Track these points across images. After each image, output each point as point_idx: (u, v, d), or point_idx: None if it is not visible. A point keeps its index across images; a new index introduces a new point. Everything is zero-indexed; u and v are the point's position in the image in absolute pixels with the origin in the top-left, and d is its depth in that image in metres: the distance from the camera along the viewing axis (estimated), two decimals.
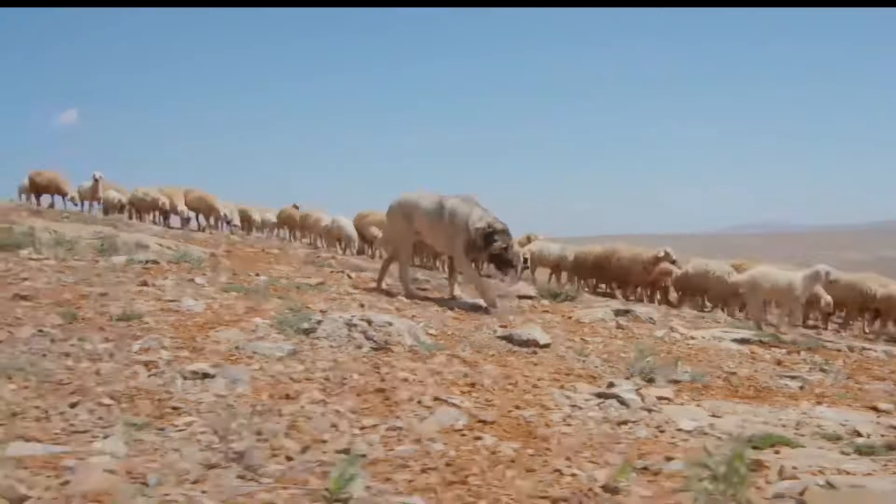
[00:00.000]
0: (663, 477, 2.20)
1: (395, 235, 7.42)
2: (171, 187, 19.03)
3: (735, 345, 6.64)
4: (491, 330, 5.46)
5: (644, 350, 4.67)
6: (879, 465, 2.64)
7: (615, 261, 14.76)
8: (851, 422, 3.59)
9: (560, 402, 3.23)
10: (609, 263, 14.84)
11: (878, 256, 73.47)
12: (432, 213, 6.85)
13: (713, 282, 13.23)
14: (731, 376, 4.70)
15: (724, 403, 3.74)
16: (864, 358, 6.98)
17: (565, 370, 4.27)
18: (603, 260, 14.99)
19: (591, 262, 15.35)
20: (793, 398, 4.14)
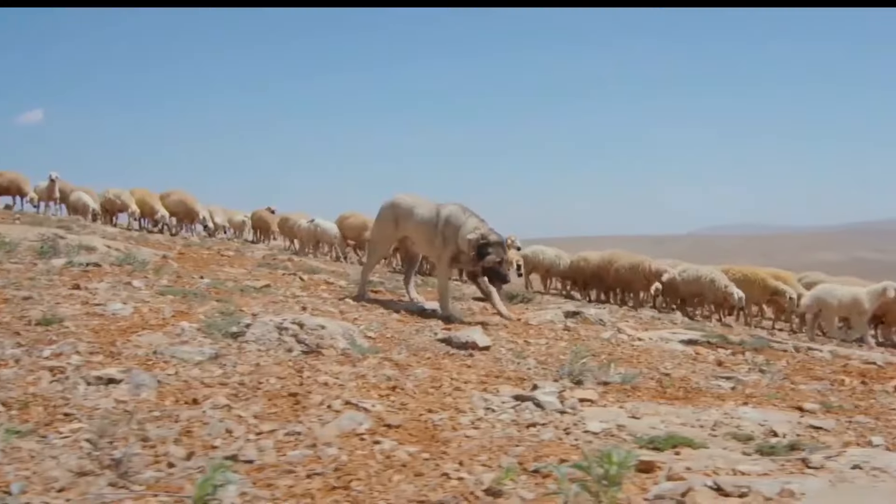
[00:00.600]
0: (552, 480, 2.21)
1: (378, 235, 7.30)
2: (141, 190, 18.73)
3: (681, 346, 6.71)
4: (432, 332, 5.46)
5: (579, 352, 4.69)
6: (777, 465, 2.67)
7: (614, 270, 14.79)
8: (771, 422, 3.64)
9: (476, 406, 3.23)
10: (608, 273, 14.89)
11: (854, 257, 74.85)
12: (427, 221, 6.67)
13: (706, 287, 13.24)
14: (665, 377, 4.74)
15: (647, 405, 3.77)
16: (808, 358, 7.10)
17: (496, 373, 4.27)
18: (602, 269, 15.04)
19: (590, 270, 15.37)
20: (720, 399, 4.19)
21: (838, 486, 2.42)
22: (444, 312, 6.43)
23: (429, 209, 6.72)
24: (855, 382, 5.68)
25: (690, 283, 13.50)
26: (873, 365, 7.02)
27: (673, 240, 73.44)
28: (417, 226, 6.76)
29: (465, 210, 6.59)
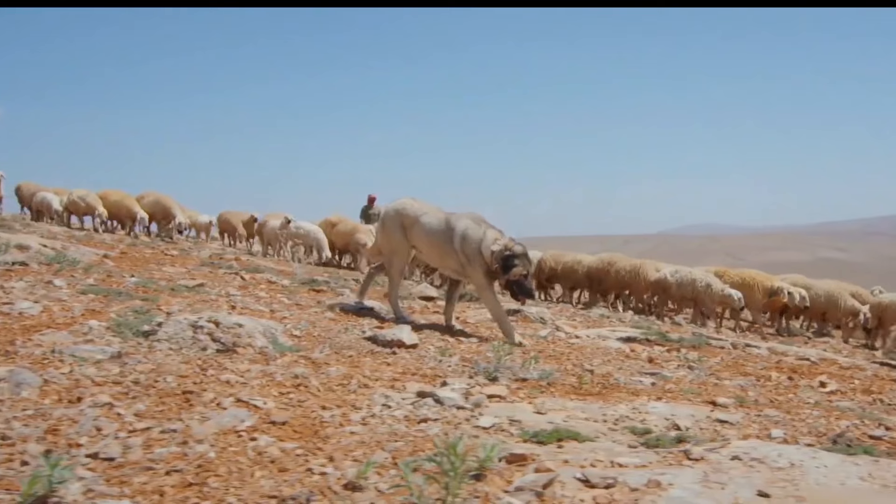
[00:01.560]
0: (419, 474, 2.20)
1: (389, 247, 6.56)
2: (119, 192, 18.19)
3: (617, 343, 6.78)
4: (361, 331, 5.44)
5: (502, 349, 4.70)
6: (659, 457, 2.71)
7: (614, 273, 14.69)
8: (677, 416, 3.69)
9: (375, 402, 3.21)
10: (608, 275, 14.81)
11: (819, 257, 76.57)
12: (436, 232, 6.18)
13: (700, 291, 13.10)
14: (588, 374, 4.78)
15: (557, 401, 3.79)
16: (745, 355, 7.23)
17: (413, 370, 4.26)
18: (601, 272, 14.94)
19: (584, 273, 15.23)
20: (635, 394, 4.23)
21: (710, 477, 2.46)
22: (510, 339, 5.82)
23: (437, 219, 6.23)
24: (782, 378, 5.80)
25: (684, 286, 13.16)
26: (807, 361, 7.18)
27: (639, 240, 74.36)
28: (425, 236, 6.27)
29: (479, 221, 6.15)
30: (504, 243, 5.93)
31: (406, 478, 1.82)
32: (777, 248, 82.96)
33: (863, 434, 3.71)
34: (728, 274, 13.97)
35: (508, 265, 5.87)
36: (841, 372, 6.72)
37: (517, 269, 5.88)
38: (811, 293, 13.70)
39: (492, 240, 5.97)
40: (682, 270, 13.57)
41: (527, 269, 5.97)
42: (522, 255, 5.93)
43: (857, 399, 5.16)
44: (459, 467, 1.85)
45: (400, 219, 6.41)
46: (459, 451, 1.87)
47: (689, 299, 13.32)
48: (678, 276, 13.30)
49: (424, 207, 6.41)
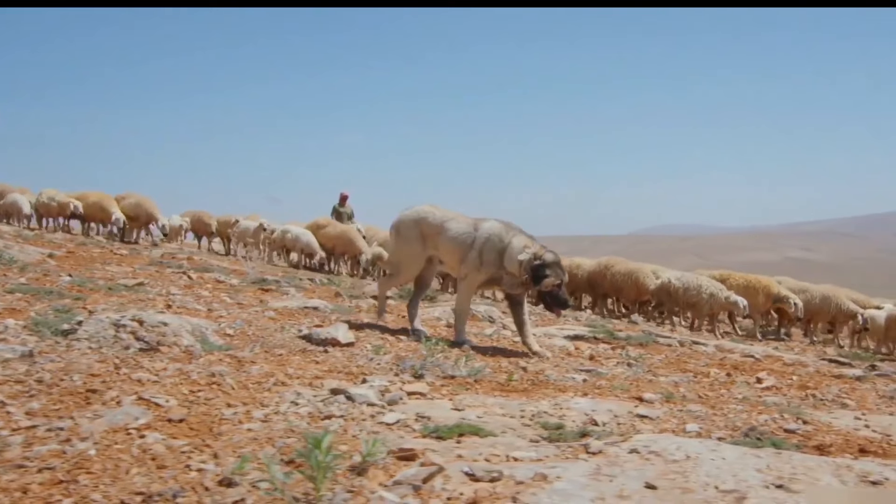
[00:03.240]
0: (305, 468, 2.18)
1: (400, 256, 6.17)
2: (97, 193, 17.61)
3: (563, 341, 6.82)
4: (297, 329, 5.40)
5: (434, 347, 4.71)
6: (558, 451, 2.73)
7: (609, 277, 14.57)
8: (598, 412, 3.72)
9: (284, 400, 3.19)
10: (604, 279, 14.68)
11: (786, 257, 77.86)
12: (463, 238, 5.77)
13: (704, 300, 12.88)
14: (521, 371, 4.80)
15: (478, 397, 3.80)
16: (690, 352, 7.32)
17: (340, 368, 4.25)
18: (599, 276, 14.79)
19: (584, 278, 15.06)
20: (561, 391, 4.26)
21: (603, 470, 2.48)
22: (458, 338, 5.69)
23: (465, 224, 5.84)
24: (721, 374, 5.88)
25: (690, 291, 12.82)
26: (751, 358, 7.30)
27: (609, 240, 75.01)
28: (450, 243, 5.82)
29: (508, 227, 5.78)
30: (534, 251, 5.54)
31: (270, 471, 1.81)
32: (745, 249, 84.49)
33: (778, 428, 3.78)
34: (733, 277, 13.81)
35: (539, 275, 5.50)
36: (783, 368, 6.84)
37: (549, 280, 5.52)
38: (807, 296, 13.67)
39: (520, 248, 5.57)
40: (687, 275, 13.33)
41: (560, 279, 5.59)
42: (554, 263, 5.57)
43: (790, 394, 5.25)
44: (325, 462, 1.84)
45: (419, 228, 5.97)
46: (324, 446, 1.86)
47: (693, 305, 13.07)
48: (684, 281, 13.08)
49: (449, 214, 5.99)
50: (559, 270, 5.60)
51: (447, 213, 6.01)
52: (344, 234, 15.90)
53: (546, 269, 5.50)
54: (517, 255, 5.53)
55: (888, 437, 3.83)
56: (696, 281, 12.99)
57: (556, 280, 5.55)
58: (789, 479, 2.69)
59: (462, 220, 5.88)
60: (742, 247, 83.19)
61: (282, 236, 15.77)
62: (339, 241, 15.90)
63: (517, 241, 5.63)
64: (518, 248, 5.57)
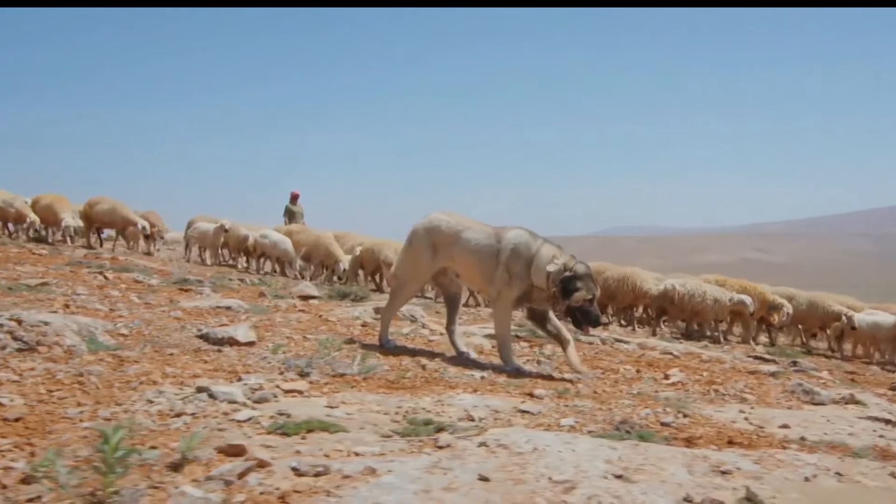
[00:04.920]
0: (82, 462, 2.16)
1: (408, 269, 5.69)
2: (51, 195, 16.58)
3: (482, 339, 6.84)
4: (197, 329, 5.33)
5: (328, 343, 4.69)
6: (406, 446, 2.75)
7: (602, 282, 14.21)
8: (479, 408, 3.76)
9: (141, 399, 3.15)
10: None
11: (742, 258, 79.85)
12: (482, 248, 5.34)
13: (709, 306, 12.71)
14: (418, 368, 4.81)
15: (360, 395, 3.81)
16: (610, 350, 7.43)
17: (226, 367, 4.22)
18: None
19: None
20: (452, 387, 4.28)
21: (442, 463, 2.51)
22: (507, 366, 5.24)
23: (484, 233, 5.40)
24: (631, 371, 5.98)
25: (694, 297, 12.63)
26: (669, 355, 7.44)
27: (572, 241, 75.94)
28: (468, 254, 5.40)
29: (534, 235, 5.36)
30: (563, 262, 5.15)
31: (55, 466, 1.78)
32: (703, 250, 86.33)
33: (655, 421, 3.87)
34: (728, 283, 13.72)
35: (570, 289, 5.08)
36: (697, 365, 6.98)
37: (580, 294, 5.09)
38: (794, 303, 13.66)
39: (548, 258, 5.17)
40: (691, 281, 13.14)
41: (592, 293, 5.18)
42: (586, 275, 5.16)
43: (692, 390, 5.36)
44: (113, 458, 1.82)
45: (431, 238, 5.50)
46: (114, 442, 1.84)
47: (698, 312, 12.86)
48: (687, 287, 12.89)
49: (465, 222, 5.54)
50: (591, 284, 5.19)
51: (463, 220, 5.55)
52: (319, 241, 15.24)
53: (577, 282, 5.09)
54: (545, 266, 5.13)
55: (762, 429, 3.96)
56: (700, 287, 12.84)
57: (587, 294, 5.13)
58: (634, 470, 2.76)
59: (480, 230, 5.44)
60: (701, 248, 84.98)
61: (261, 242, 14.97)
62: (314, 249, 15.38)
63: (545, 250, 5.23)
64: (546, 258, 5.17)
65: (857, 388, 7.44)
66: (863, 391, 6.84)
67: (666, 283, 13.23)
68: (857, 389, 7.09)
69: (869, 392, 6.86)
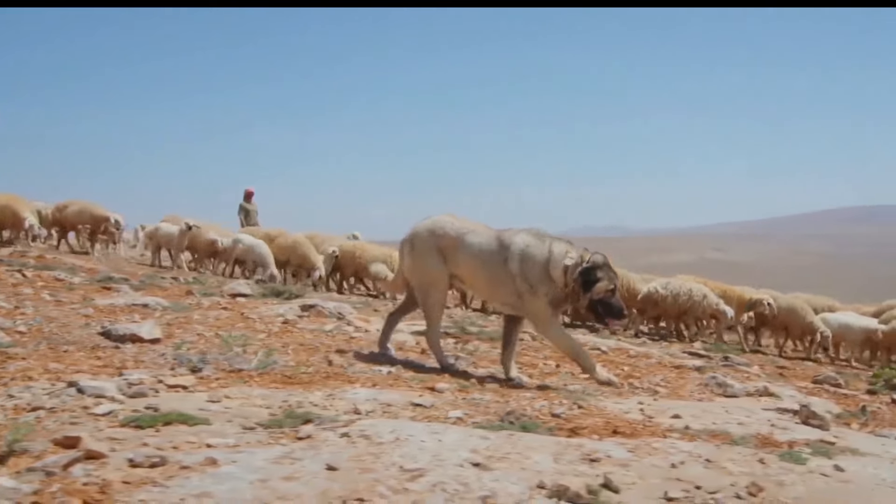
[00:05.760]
0: None
1: (422, 277, 5.29)
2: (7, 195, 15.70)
3: (408, 336, 6.83)
4: (101, 326, 5.23)
5: (232, 340, 4.66)
6: (264, 438, 2.74)
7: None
8: (370, 401, 3.77)
9: (4, 394, 3.09)
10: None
11: (704, 258, 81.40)
12: (486, 254, 5.05)
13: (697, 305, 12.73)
14: (324, 364, 4.79)
15: (249, 390, 3.78)
16: (539, 346, 7.47)
17: (116, 364, 4.16)
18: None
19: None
20: (351, 382, 4.28)
21: (294, 454, 2.53)
22: (596, 377, 5.11)
23: (487, 238, 5.12)
24: (551, 365, 6.05)
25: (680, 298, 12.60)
26: (597, 350, 7.53)
27: None
28: (472, 260, 5.11)
29: (540, 236, 5.08)
30: (579, 254, 4.93)
31: None
32: (666, 250, 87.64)
33: (547, 413, 3.92)
34: (707, 286, 13.66)
35: (590, 280, 4.82)
36: (623, 360, 7.08)
37: (602, 285, 4.83)
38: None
39: (562, 253, 4.93)
40: (675, 283, 13.10)
41: (613, 283, 4.93)
42: (605, 265, 4.91)
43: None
44: None
45: (435, 241, 5.20)
46: None
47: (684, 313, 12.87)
48: (671, 288, 12.81)
49: (468, 225, 5.25)
50: (612, 273, 4.94)
51: (466, 223, 5.26)
52: (296, 245, 14.81)
53: (597, 272, 4.84)
54: (562, 261, 4.88)
55: (651, 419, 4.04)
56: (684, 286, 12.84)
57: (609, 284, 4.87)
58: (498, 459, 2.80)
59: (483, 233, 5.18)
60: (663, 248, 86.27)
61: (232, 246, 14.41)
62: (291, 253, 14.98)
63: (557, 247, 4.99)
64: (560, 255, 4.93)
65: (782, 381, 7.67)
66: (784, 384, 7.04)
67: (649, 285, 13.17)
68: (780, 382, 7.30)
69: (791, 385, 7.07)
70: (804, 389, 6.91)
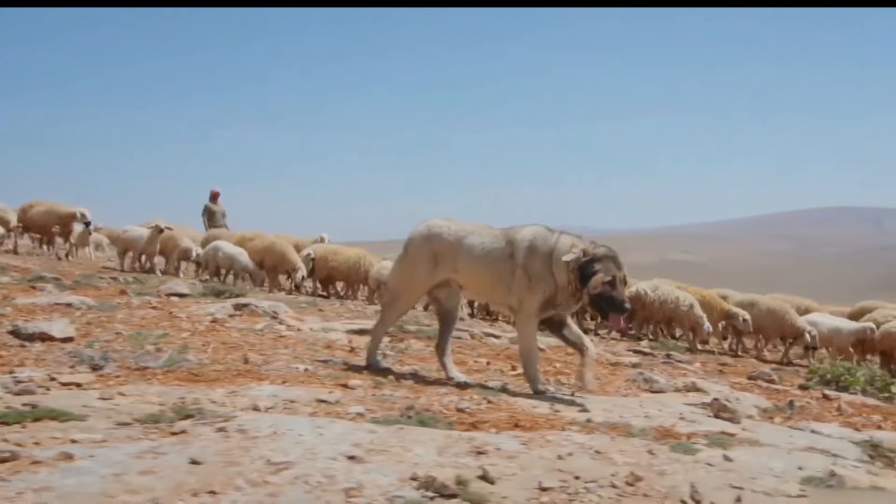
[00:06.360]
0: None
1: (402, 280, 5.18)
2: None
3: (341, 335, 6.80)
4: (12, 325, 5.13)
5: (142, 337, 4.60)
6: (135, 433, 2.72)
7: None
8: (275, 398, 3.75)
9: None
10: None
11: (665, 259, 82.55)
12: (491, 252, 4.86)
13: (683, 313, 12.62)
14: (239, 362, 4.76)
15: (145, 387, 3.75)
16: (477, 343, 7.51)
17: (14, 362, 4.11)
18: None
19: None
20: (260, 379, 4.25)
21: (159, 448, 2.52)
22: (533, 385, 4.81)
23: (491, 236, 4.93)
24: (482, 363, 6.08)
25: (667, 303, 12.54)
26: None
27: None
28: (473, 261, 4.91)
29: (550, 229, 4.88)
30: (582, 248, 4.64)
31: None
32: (628, 250, 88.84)
33: (452, 408, 3.94)
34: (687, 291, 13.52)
35: (587, 273, 4.54)
36: (559, 357, 7.12)
37: (598, 277, 4.52)
38: (755, 310, 13.64)
39: (566, 247, 4.67)
40: (664, 287, 13.04)
41: (612, 274, 4.59)
42: (605, 257, 4.61)
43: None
44: None
45: (430, 247, 5.00)
46: None
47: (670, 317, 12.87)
48: (659, 292, 12.77)
49: (468, 227, 5.08)
50: (610, 265, 4.61)
51: (465, 225, 5.09)
52: (273, 246, 14.47)
53: (594, 265, 4.55)
54: (563, 257, 4.62)
55: (557, 412, 4.09)
56: (673, 293, 12.82)
57: (605, 276, 4.55)
58: (378, 452, 2.82)
59: (486, 233, 4.98)
60: (624, 248, 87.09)
61: (213, 254, 13.89)
62: (268, 255, 14.67)
63: (563, 240, 4.75)
64: (564, 249, 4.67)
65: (718, 378, 7.80)
66: (718, 381, 7.16)
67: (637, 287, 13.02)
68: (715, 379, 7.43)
69: (724, 381, 7.19)
70: (737, 385, 7.04)
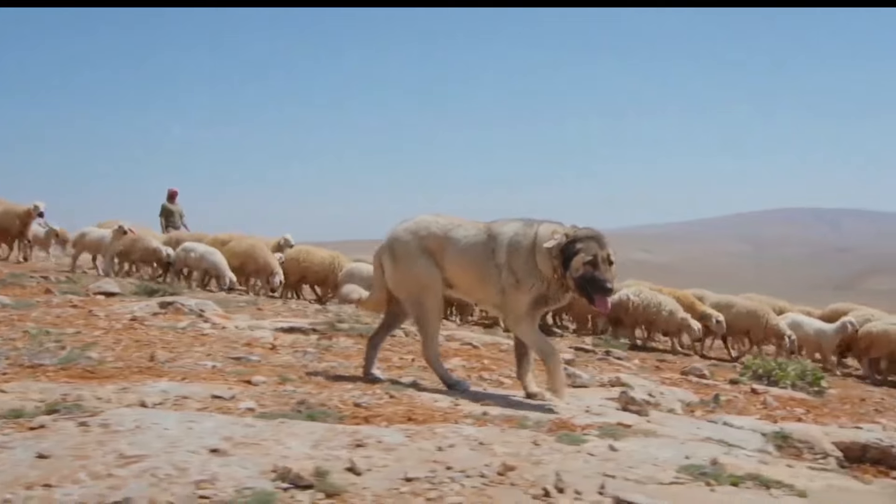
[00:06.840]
0: None
1: (411, 284, 4.74)
2: None
3: (266, 332, 6.74)
4: None
5: (47, 335, 4.51)
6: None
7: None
8: (167, 394, 3.70)
9: None
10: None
11: (628, 258, 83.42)
12: (474, 248, 4.60)
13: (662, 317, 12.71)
14: (144, 360, 4.69)
15: (31, 385, 3.69)
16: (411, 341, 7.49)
17: None
18: None
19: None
20: (158, 376, 4.20)
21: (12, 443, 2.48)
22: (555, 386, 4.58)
23: (475, 229, 4.68)
24: (407, 359, 6.08)
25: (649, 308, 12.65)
26: (469, 346, 7.61)
27: None
28: (458, 256, 4.64)
29: (529, 222, 4.62)
30: (564, 232, 4.41)
31: None
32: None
33: (350, 402, 3.94)
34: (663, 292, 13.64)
35: (569, 255, 4.29)
36: (491, 354, 7.15)
37: (578, 258, 4.26)
38: (733, 311, 13.70)
39: (546, 236, 4.43)
40: (646, 292, 13.13)
41: (594, 253, 4.29)
42: (587, 237, 4.35)
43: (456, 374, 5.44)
44: None
45: (419, 242, 4.70)
46: None
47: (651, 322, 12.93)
48: (642, 297, 12.86)
49: (454, 220, 4.81)
50: (592, 244, 4.33)
51: (452, 219, 4.83)
52: (252, 249, 14.21)
53: (576, 244, 4.29)
54: (545, 244, 4.38)
55: (457, 406, 4.11)
56: (655, 298, 12.93)
57: (586, 256, 4.27)
58: (247, 445, 2.81)
59: (470, 226, 4.74)
60: None
61: (184, 255, 13.60)
62: (246, 258, 14.28)
63: (543, 229, 4.50)
64: (545, 237, 4.43)
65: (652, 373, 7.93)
66: (649, 376, 7.27)
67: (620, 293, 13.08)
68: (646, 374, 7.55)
69: (654, 377, 7.30)
70: (668, 381, 7.16)
